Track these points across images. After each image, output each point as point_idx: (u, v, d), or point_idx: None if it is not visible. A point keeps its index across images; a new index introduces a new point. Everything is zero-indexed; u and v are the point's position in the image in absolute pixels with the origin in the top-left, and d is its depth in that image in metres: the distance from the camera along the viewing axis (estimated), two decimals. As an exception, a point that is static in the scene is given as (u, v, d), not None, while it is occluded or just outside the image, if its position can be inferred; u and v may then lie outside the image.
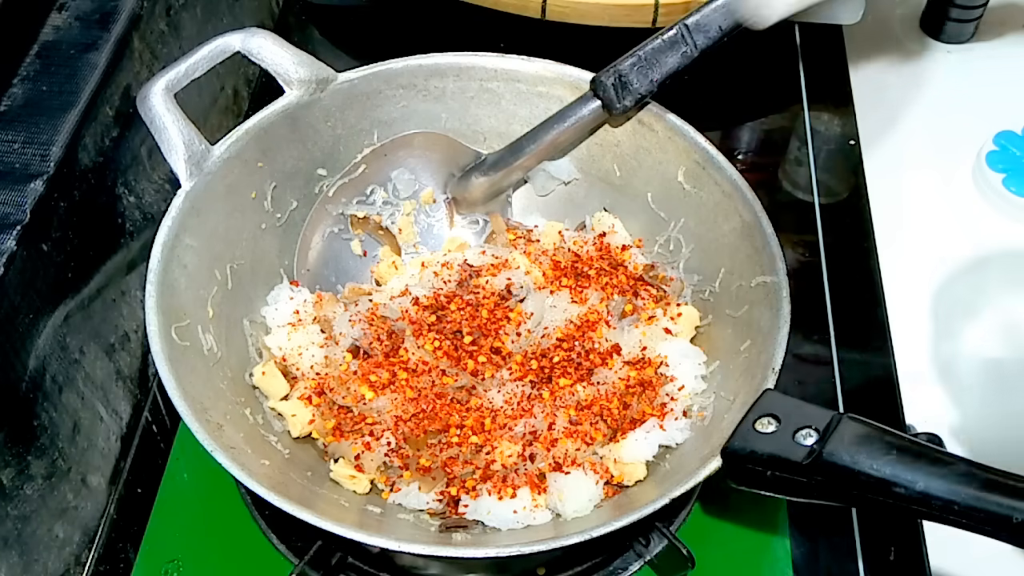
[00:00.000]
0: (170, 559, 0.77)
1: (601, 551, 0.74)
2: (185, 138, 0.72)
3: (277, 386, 0.75)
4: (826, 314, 0.91)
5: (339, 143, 0.82)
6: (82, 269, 0.75)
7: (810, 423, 0.56)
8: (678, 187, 0.80)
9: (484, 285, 0.81)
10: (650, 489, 0.71)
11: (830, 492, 0.55)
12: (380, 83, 0.82)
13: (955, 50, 1.15)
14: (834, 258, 0.95)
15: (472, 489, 0.72)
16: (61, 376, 0.72)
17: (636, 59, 0.76)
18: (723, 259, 0.77)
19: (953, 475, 0.51)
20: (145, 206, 0.85)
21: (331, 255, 0.84)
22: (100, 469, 0.78)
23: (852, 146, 1.05)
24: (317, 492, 0.70)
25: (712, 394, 0.74)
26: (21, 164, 0.70)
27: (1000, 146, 1.02)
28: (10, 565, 0.68)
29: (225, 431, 0.67)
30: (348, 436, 0.74)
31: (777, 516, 0.78)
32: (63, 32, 0.79)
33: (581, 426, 0.73)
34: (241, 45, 0.75)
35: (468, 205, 0.87)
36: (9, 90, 0.75)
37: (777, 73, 1.12)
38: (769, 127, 1.08)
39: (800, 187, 1.01)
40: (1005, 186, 0.99)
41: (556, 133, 0.80)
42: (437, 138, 0.85)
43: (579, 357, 0.77)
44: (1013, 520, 0.49)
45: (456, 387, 0.76)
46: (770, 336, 0.69)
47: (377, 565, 0.74)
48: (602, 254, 0.83)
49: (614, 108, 0.78)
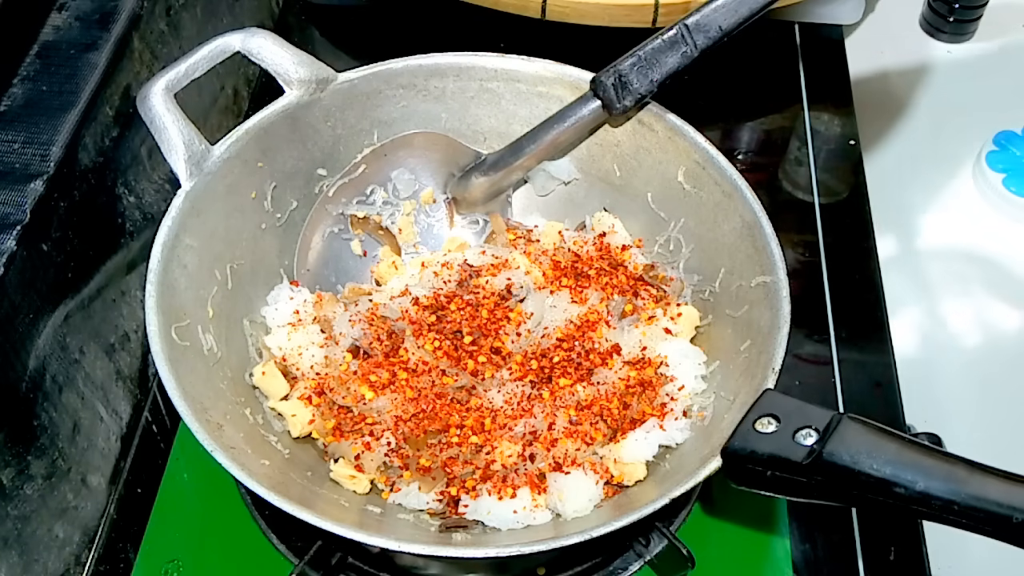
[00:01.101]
0: (170, 559, 0.77)
1: (601, 551, 0.74)
2: (185, 138, 0.72)
3: (277, 386, 0.75)
4: (826, 314, 0.91)
5: (339, 143, 0.82)
6: (82, 269, 0.75)
7: (810, 423, 0.56)
8: (678, 187, 0.80)
9: (484, 285, 0.81)
10: (650, 489, 0.71)
11: (830, 492, 0.55)
12: (380, 83, 0.82)
13: (955, 50, 1.15)
14: (834, 258, 0.95)
15: (472, 489, 0.72)
16: (61, 376, 0.72)
17: (636, 59, 0.76)
18: (723, 259, 0.77)
19: (953, 475, 0.51)
20: (145, 206, 0.85)
21: (331, 255, 0.84)
22: (100, 469, 0.78)
23: (852, 146, 1.05)
24: (317, 492, 0.70)
25: (712, 394, 0.74)
26: (21, 164, 0.70)
27: (1000, 146, 1.02)
28: (10, 565, 0.68)
29: (225, 431, 0.67)
30: (348, 436, 0.74)
31: (777, 516, 0.78)
32: (63, 32, 0.79)
33: (581, 426, 0.73)
34: (241, 45, 0.75)
35: (468, 205, 0.87)
36: (9, 90, 0.75)
37: (777, 73, 1.12)
38: (769, 127, 1.08)
39: (800, 187, 1.01)
40: (1005, 186, 0.99)
41: (556, 133, 0.80)
42: (437, 138, 0.85)
43: (579, 357, 0.77)
44: (1013, 520, 0.49)
45: (456, 387, 0.76)
46: (770, 336, 0.69)
47: (377, 565, 0.74)
48: (602, 254, 0.83)
49: (614, 108, 0.77)
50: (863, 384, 0.87)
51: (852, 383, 0.86)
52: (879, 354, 0.88)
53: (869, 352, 0.89)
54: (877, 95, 1.10)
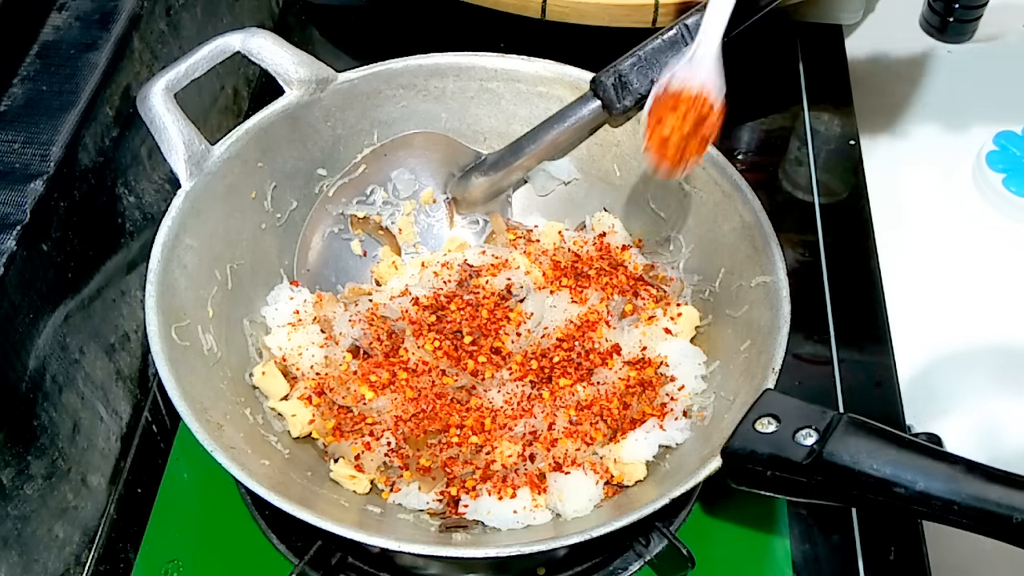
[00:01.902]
0: (170, 559, 0.77)
1: (601, 551, 0.74)
2: (185, 138, 0.72)
3: (277, 386, 0.75)
4: (826, 314, 0.91)
5: (339, 143, 0.82)
6: (82, 269, 0.75)
7: (810, 423, 0.56)
8: (678, 187, 0.80)
9: (484, 285, 0.81)
10: (650, 489, 0.71)
11: (830, 492, 0.55)
12: (380, 83, 0.82)
13: (955, 50, 1.15)
14: (834, 258, 0.95)
15: (472, 489, 0.72)
16: (61, 376, 0.72)
17: (636, 59, 0.76)
18: (723, 259, 0.77)
19: (953, 475, 0.51)
20: (145, 206, 0.85)
21: (331, 255, 0.84)
22: (100, 469, 0.78)
23: (852, 146, 1.05)
24: (317, 492, 0.70)
25: (712, 394, 0.74)
26: (21, 164, 0.70)
27: (1000, 146, 1.02)
28: (10, 565, 0.68)
29: (225, 431, 0.67)
30: (348, 436, 0.74)
31: (777, 516, 0.78)
32: (63, 32, 0.79)
33: (581, 426, 0.73)
34: (241, 45, 0.75)
35: (468, 205, 0.87)
36: (9, 90, 0.75)
37: (777, 73, 1.12)
38: (769, 127, 1.08)
39: (800, 187, 1.01)
40: (1005, 186, 0.99)
41: (556, 133, 0.80)
42: (437, 138, 0.85)
43: (579, 357, 0.77)
44: (1013, 520, 0.49)
45: (456, 387, 0.76)
46: (770, 336, 0.69)
47: (377, 565, 0.74)
48: (602, 254, 0.83)
49: (614, 108, 0.78)
50: (863, 384, 0.87)
51: (852, 383, 0.86)
52: (879, 354, 0.88)
53: (869, 352, 0.89)
54: (877, 95, 1.10)
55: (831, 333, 0.90)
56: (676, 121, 0.68)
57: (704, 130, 0.69)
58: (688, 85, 0.68)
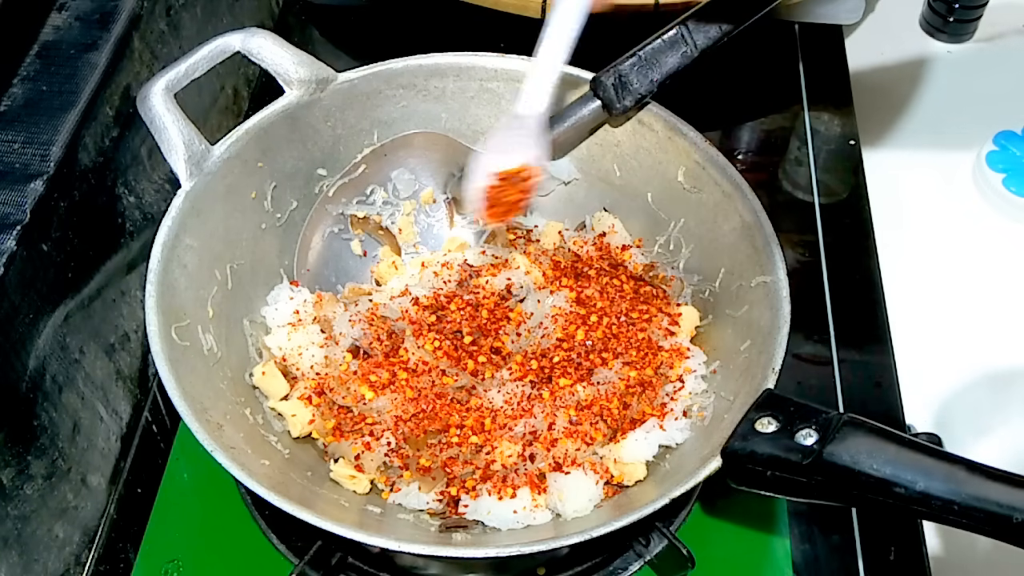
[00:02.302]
0: (170, 559, 0.77)
1: (601, 551, 0.74)
2: (185, 138, 0.72)
3: (277, 386, 0.75)
4: (826, 314, 0.91)
5: (339, 143, 0.82)
6: (82, 269, 0.75)
7: (810, 423, 0.56)
8: (678, 187, 0.80)
9: (484, 285, 0.81)
10: (650, 489, 0.71)
11: (830, 492, 0.55)
12: (380, 83, 0.82)
13: (955, 50, 1.15)
14: (834, 258, 0.95)
15: (472, 489, 0.71)
16: (61, 376, 0.72)
17: (636, 59, 0.76)
18: (723, 259, 0.77)
19: (953, 475, 0.51)
20: (145, 206, 0.85)
21: (331, 255, 0.84)
22: (100, 469, 0.78)
23: (852, 146, 1.05)
24: (317, 492, 0.70)
25: (712, 394, 0.74)
26: (21, 164, 0.70)
27: (1000, 146, 1.02)
28: (10, 565, 0.68)
29: (225, 431, 0.67)
30: (348, 436, 0.74)
31: (777, 516, 0.78)
32: (63, 32, 0.79)
33: (581, 426, 0.73)
34: (241, 45, 0.75)
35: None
36: (9, 90, 0.75)
37: (777, 73, 1.12)
38: (769, 127, 1.08)
39: (800, 187, 1.01)
40: (1005, 186, 0.99)
41: (556, 133, 0.80)
42: (437, 138, 0.85)
43: (579, 357, 0.77)
44: (1013, 520, 0.49)
45: (456, 387, 0.76)
46: (770, 336, 0.69)
47: (377, 565, 0.74)
48: (602, 254, 0.83)
49: (614, 108, 0.78)
50: (863, 384, 0.87)
51: (852, 383, 0.86)
52: (879, 354, 0.88)
53: (869, 352, 0.89)
54: (877, 95, 1.10)
55: (831, 333, 0.90)
56: (502, 194, 0.72)
57: (528, 183, 0.72)
58: (511, 164, 0.71)
